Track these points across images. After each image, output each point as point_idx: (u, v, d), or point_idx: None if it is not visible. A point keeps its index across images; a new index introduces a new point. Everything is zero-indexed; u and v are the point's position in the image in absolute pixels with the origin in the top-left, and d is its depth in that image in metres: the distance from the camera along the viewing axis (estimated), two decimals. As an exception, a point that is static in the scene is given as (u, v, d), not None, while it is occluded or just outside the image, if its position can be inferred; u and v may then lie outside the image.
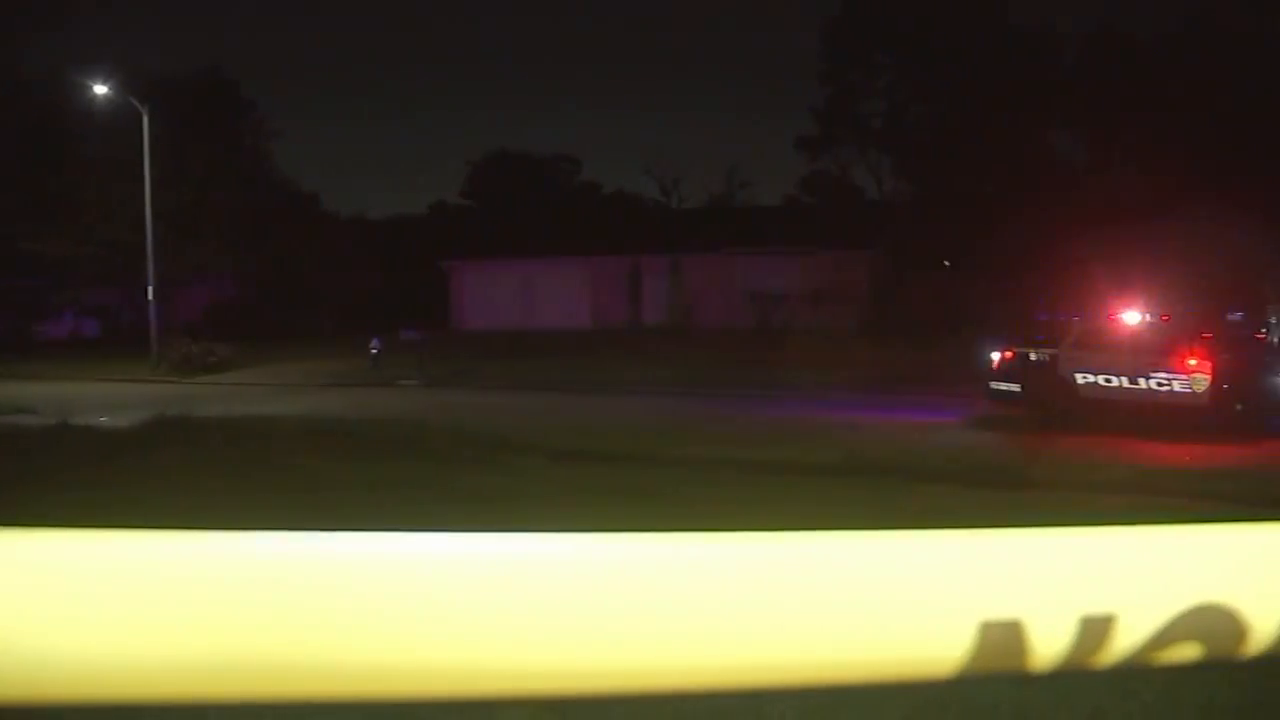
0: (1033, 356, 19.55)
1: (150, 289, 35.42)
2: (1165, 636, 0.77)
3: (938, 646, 0.75)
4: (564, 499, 10.42)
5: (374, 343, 32.24)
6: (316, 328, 44.45)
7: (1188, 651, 0.79)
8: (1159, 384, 18.44)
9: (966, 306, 34.46)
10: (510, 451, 14.65)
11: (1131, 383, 18.67)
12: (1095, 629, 0.76)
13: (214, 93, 48.34)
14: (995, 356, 19.97)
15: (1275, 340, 21.25)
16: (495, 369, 31.07)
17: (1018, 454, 15.59)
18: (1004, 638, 0.74)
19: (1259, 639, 0.79)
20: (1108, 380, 18.85)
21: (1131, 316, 19.90)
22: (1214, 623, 0.78)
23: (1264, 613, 0.78)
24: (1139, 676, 4.71)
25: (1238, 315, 21.41)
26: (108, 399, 24.36)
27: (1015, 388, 19.59)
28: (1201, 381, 18.17)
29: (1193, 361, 18.30)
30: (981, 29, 53.74)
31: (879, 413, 21.11)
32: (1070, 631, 0.76)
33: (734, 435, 17.46)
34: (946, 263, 45.51)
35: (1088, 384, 18.98)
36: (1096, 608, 0.76)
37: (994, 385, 19.91)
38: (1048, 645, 0.76)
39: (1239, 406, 18.35)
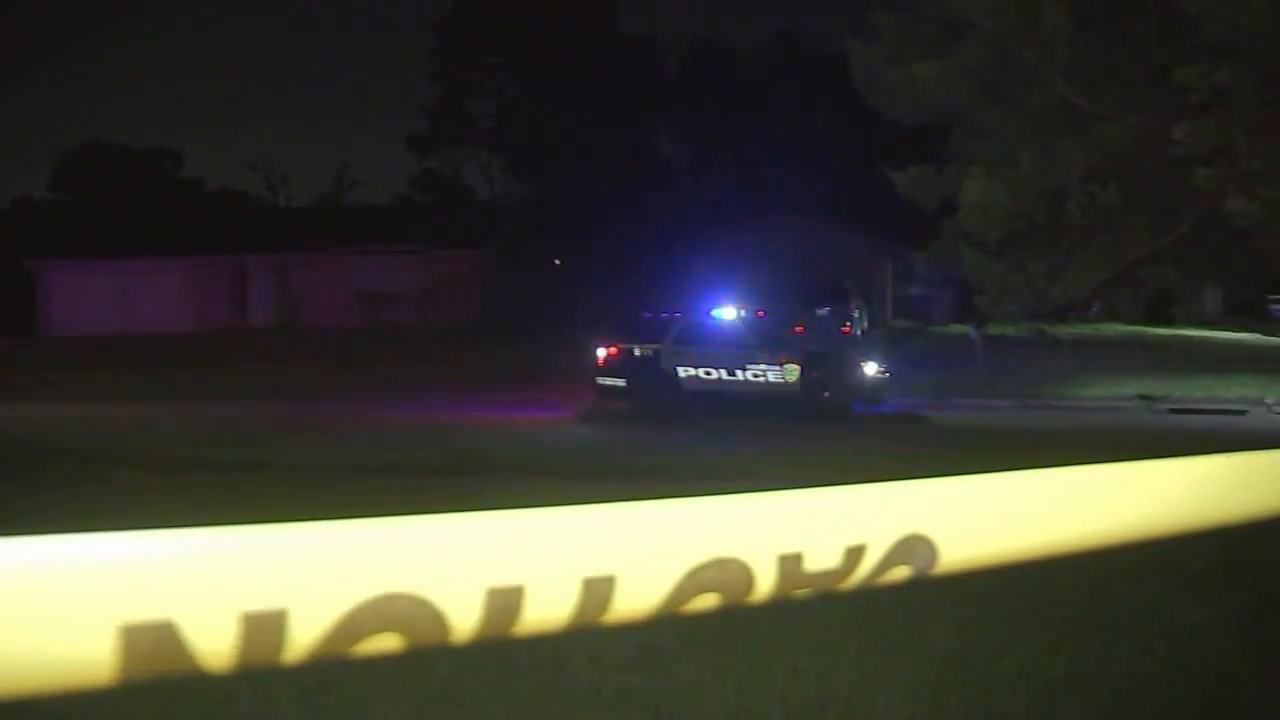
0: (637, 352, 20.12)
1: None
2: (344, 630, 0.79)
3: (89, 651, 0.73)
4: (164, 512, 9.75)
5: (-58, 352, 29.60)
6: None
7: (384, 642, 0.82)
8: (754, 375, 19.40)
9: (577, 304, 35.17)
10: (105, 465, 13.63)
11: (730, 375, 19.53)
12: (261, 625, 0.76)
13: None
14: (601, 352, 20.41)
15: (858, 332, 22.72)
16: (89, 377, 29.00)
17: (620, 447, 15.97)
18: (157, 639, 0.73)
19: (456, 629, 0.83)
20: (708, 373, 19.64)
21: (729, 312, 20.83)
22: (402, 611, 0.81)
23: (454, 604, 0.83)
24: (739, 653, 4.85)
25: (825, 310, 22.77)
26: None
27: (621, 382, 20.10)
28: (793, 372, 19.25)
29: (784, 354, 19.34)
30: (590, 34, 55.05)
31: (491, 410, 21.18)
32: (231, 631, 0.76)
33: (345, 438, 17.01)
34: (557, 261, 46.33)
35: (689, 377, 19.72)
36: (258, 606, 0.76)
37: (601, 380, 20.35)
38: (210, 644, 0.76)
39: (826, 394, 19.63)
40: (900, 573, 1.10)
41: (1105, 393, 25.13)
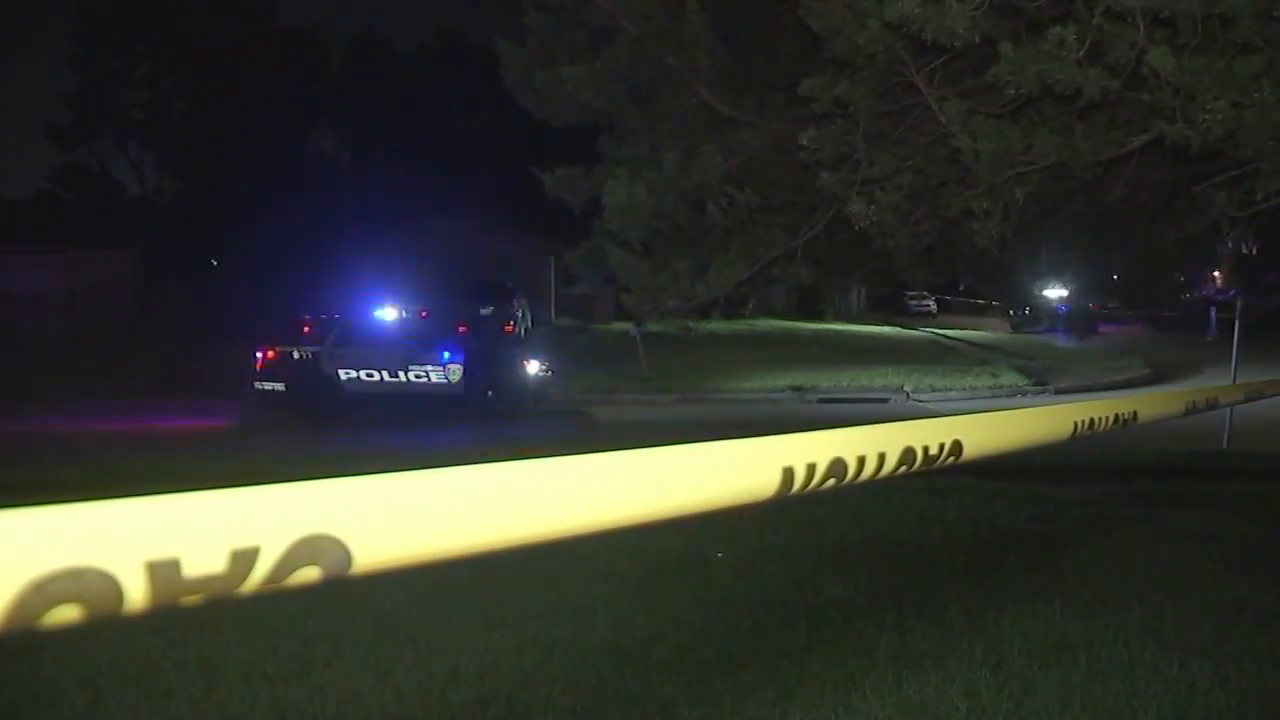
0: (296, 355, 19.58)
1: None
2: None
3: None
4: None
5: None
6: None
7: None
8: (417, 376, 19.26)
9: (234, 306, 33.94)
10: None
11: (392, 376, 19.31)
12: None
13: None
14: (259, 355, 19.74)
15: (521, 332, 22.90)
16: None
17: (271, 453, 15.48)
18: None
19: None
20: (369, 375, 19.34)
21: (390, 313, 20.58)
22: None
23: None
24: (396, 658, 4.80)
25: (488, 309, 22.80)
26: None
27: (280, 386, 19.51)
28: (456, 371, 19.22)
29: (447, 354, 19.30)
30: (247, 23, 53.07)
31: (142, 421, 20.11)
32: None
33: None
34: (214, 262, 44.66)
35: (351, 380, 19.37)
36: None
37: (258, 385, 19.67)
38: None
39: (490, 392, 19.75)
40: (309, 574, 1.10)
41: (761, 385, 26.37)
